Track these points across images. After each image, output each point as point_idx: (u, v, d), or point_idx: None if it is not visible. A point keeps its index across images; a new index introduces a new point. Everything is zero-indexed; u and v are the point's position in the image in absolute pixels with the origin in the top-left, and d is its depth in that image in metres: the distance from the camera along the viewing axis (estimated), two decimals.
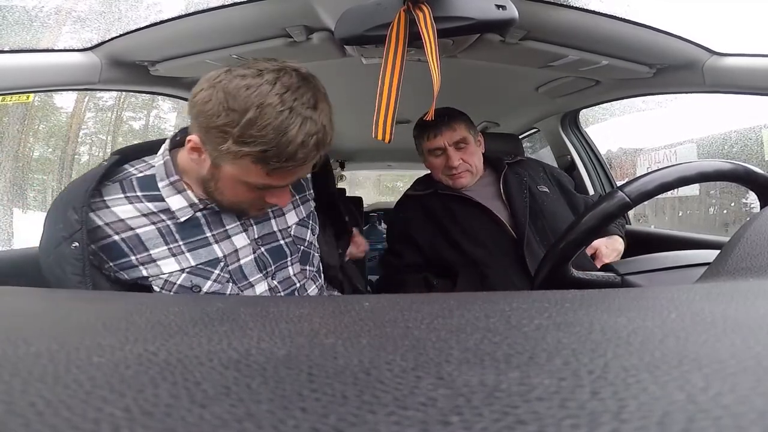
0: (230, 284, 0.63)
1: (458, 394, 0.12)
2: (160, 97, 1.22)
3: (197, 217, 0.61)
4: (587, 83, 1.16)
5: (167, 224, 0.60)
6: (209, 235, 0.62)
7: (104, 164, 0.58)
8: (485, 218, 0.96)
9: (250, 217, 0.65)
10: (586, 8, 0.79)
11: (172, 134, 0.64)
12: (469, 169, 1.00)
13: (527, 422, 0.10)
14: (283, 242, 0.69)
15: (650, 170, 0.56)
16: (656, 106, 1.82)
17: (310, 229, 0.75)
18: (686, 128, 1.74)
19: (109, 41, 0.88)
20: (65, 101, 3.50)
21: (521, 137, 1.73)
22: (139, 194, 0.59)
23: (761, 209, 0.50)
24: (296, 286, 0.71)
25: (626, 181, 0.57)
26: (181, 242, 0.60)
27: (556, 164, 1.63)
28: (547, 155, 1.75)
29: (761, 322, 0.19)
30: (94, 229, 0.56)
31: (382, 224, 2.07)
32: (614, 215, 0.55)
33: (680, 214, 2.20)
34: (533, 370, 0.14)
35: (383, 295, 0.31)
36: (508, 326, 0.19)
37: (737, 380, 0.12)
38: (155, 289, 0.60)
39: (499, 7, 0.62)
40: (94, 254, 0.56)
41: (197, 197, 0.61)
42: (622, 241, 0.95)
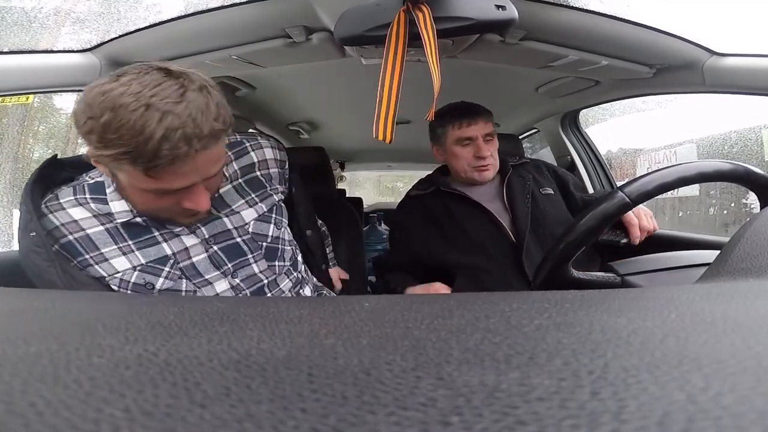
0: (184, 281, 0.64)
1: (458, 394, 0.12)
2: None
3: (143, 219, 0.63)
4: (587, 83, 1.16)
5: (115, 225, 0.62)
6: (157, 234, 0.63)
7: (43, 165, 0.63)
8: (484, 219, 0.95)
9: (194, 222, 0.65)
10: (586, 8, 0.80)
11: None
12: (493, 163, 1.00)
13: (527, 423, 0.10)
14: (239, 240, 0.69)
15: (650, 170, 0.56)
16: (656, 106, 1.82)
17: (273, 223, 0.74)
18: (686, 128, 1.74)
19: (108, 42, 0.88)
20: (65, 102, 3.52)
21: (521, 137, 1.73)
22: (87, 197, 0.62)
23: (761, 209, 0.50)
24: (263, 282, 0.71)
25: (626, 181, 0.57)
26: (130, 241, 0.62)
27: (556, 165, 1.63)
28: (547, 155, 1.75)
29: (761, 322, 0.19)
30: (53, 229, 0.60)
31: (382, 225, 2.07)
32: (614, 215, 0.55)
33: (680, 214, 2.20)
34: (533, 370, 0.14)
35: (383, 295, 0.31)
36: (508, 326, 0.19)
37: (737, 380, 0.12)
38: (113, 288, 0.62)
39: (498, 7, 0.62)
40: (58, 253, 0.60)
41: None
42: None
